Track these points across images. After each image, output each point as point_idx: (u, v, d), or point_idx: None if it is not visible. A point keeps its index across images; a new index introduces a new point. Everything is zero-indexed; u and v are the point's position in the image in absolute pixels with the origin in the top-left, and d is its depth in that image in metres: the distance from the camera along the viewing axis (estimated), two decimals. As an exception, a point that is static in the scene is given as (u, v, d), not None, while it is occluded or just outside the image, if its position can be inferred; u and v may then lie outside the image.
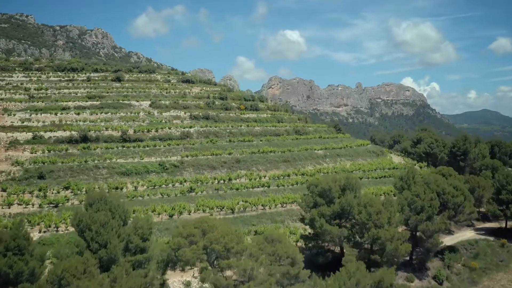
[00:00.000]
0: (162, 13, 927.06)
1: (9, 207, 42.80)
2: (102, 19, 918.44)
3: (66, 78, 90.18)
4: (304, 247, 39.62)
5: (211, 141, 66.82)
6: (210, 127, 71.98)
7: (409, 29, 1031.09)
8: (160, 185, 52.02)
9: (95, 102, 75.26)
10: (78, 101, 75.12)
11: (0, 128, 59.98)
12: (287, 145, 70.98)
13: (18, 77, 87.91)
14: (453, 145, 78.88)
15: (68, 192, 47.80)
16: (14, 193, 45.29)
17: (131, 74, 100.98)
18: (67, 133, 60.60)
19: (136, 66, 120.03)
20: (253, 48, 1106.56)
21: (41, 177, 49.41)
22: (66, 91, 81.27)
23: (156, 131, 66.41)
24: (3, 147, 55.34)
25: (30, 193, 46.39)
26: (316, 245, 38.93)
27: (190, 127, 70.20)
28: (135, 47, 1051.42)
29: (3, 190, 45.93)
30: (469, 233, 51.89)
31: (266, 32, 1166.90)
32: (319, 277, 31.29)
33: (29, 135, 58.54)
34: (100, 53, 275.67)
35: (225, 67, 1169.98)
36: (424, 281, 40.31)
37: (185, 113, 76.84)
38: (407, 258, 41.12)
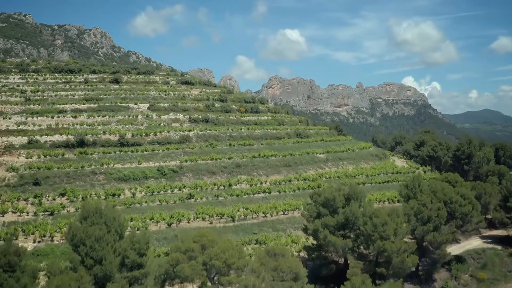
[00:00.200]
0: (161, 12, 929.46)
1: (3, 215, 41.64)
2: (101, 18, 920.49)
3: (63, 80, 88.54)
4: (307, 257, 38.45)
5: (210, 145, 65.52)
6: (210, 130, 70.65)
7: (410, 28, 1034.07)
8: (158, 192, 50.80)
9: (92, 105, 73.80)
10: (75, 103, 73.62)
11: (-5, 132, 58.67)
12: (288, 149, 69.74)
13: (14, 79, 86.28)
14: (457, 148, 77.74)
15: (64, 199, 46.65)
16: (9, 200, 44.08)
17: (130, 75, 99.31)
18: (64, 137, 59.22)
19: (134, 67, 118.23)
20: (253, 48, 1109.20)
21: (37, 183, 48.18)
22: (63, 93, 79.77)
23: (155, 134, 65.15)
24: (-3, 152, 54.01)
25: (25, 200, 45.23)
26: (319, 256, 37.72)
27: (189, 131, 68.86)
28: (134, 46, 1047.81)
29: (-3, 197, 44.66)
30: (476, 241, 50.70)
31: (266, 31, 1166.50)
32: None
33: (25, 139, 57.16)
34: (98, 53, 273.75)
35: (225, 66, 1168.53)
36: (431, 293, 39.20)
37: (184, 116, 75.48)
38: (414, 269, 39.87)
